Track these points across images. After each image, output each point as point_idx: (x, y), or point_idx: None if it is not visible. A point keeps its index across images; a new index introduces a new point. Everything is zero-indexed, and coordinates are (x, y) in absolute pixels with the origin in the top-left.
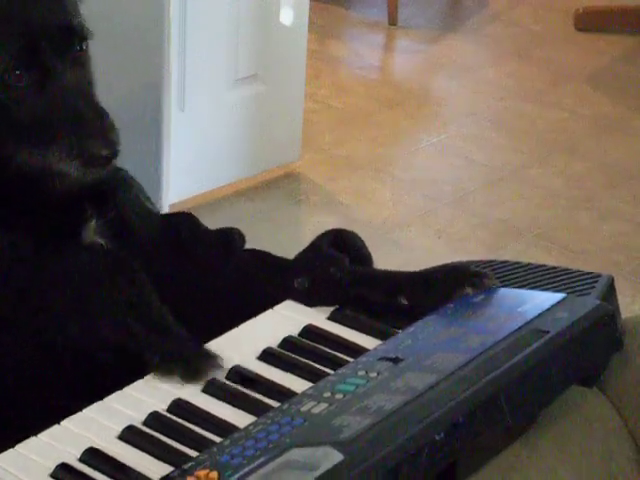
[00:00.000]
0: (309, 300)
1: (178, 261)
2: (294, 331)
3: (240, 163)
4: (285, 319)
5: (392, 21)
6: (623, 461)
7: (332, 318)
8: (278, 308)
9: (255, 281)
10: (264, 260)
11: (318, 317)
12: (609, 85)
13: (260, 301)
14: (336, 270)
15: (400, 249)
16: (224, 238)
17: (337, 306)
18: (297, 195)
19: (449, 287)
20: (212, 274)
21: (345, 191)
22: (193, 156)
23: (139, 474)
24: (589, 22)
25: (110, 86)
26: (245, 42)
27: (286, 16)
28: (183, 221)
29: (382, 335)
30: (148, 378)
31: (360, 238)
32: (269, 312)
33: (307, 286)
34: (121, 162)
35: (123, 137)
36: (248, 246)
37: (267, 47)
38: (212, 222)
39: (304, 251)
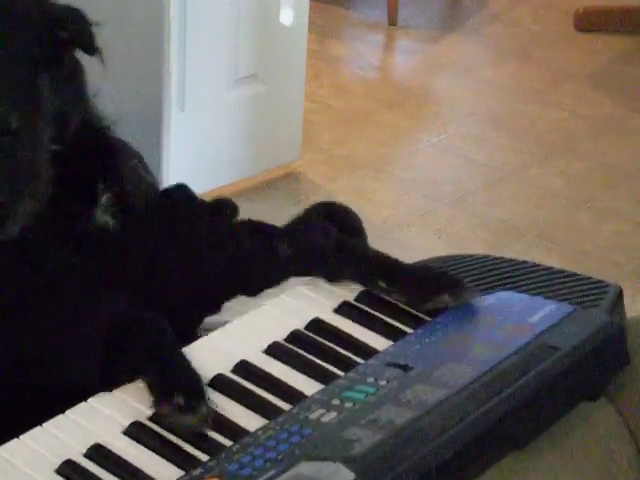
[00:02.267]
0: (293, 267)
1: (173, 233)
2: (301, 325)
3: (240, 163)
4: (292, 311)
5: (392, 21)
6: (624, 462)
7: (339, 311)
8: (285, 298)
9: (245, 250)
10: (254, 228)
11: (325, 309)
12: (609, 85)
13: (250, 270)
14: (320, 239)
15: (400, 249)
16: (217, 209)
17: (342, 300)
18: (297, 195)
19: (429, 288)
20: (204, 244)
21: (345, 191)
22: (193, 156)
23: (143, 473)
24: (589, 22)
25: (110, 86)
26: (245, 42)
27: (286, 16)
28: (178, 193)
29: (389, 331)
30: None
31: (354, 212)
32: (276, 302)
33: (291, 253)
34: None
35: (123, 137)
36: None
37: (267, 47)
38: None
39: (294, 219)
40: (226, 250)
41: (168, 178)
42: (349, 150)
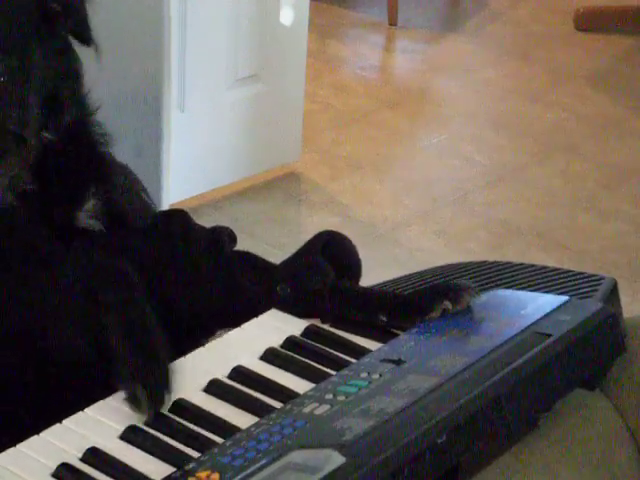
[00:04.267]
0: (291, 308)
1: (167, 257)
2: (296, 331)
3: (240, 163)
4: (287, 319)
5: (392, 21)
6: (624, 461)
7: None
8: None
9: (240, 284)
10: (251, 263)
11: None
12: (609, 85)
13: (244, 304)
14: (318, 282)
15: (400, 249)
16: (214, 237)
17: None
18: (297, 195)
19: (428, 304)
20: (199, 273)
21: (345, 191)
22: (193, 156)
23: (140, 474)
24: (589, 22)
25: (110, 86)
26: (245, 42)
27: (286, 16)
28: (175, 218)
29: (383, 336)
30: None
31: (352, 243)
32: (272, 311)
33: (289, 294)
34: (122, 161)
35: (123, 137)
36: (247, 246)
37: (267, 47)
38: (212, 222)
39: (292, 256)
40: (222, 281)
41: (168, 178)
42: (349, 150)
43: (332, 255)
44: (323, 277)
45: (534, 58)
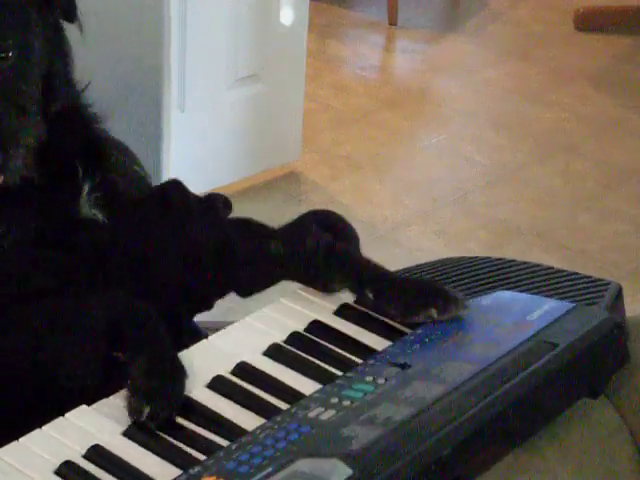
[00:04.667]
0: (283, 269)
1: (166, 226)
2: (300, 326)
3: (240, 163)
4: (292, 313)
5: (392, 21)
6: (624, 461)
7: (338, 313)
8: (285, 301)
9: (234, 248)
10: (247, 226)
11: (324, 312)
12: (609, 85)
13: (240, 266)
14: (312, 241)
15: (400, 249)
16: (208, 204)
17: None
18: (297, 195)
19: (416, 302)
20: (197, 239)
21: (345, 191)
22: (193, 156)
23: (143, 474)
24: (589, 22)
25: (110, 86)
26: (245, 42)
27: (286, 16)
28: (171, 187)
29: (388, 332)
30: None
31: (348, 222)
32: (275, 305)
33: (283, 252)
34: None
35: (123, 137)
36: None
37: (267, 47)
38: None
39: (287, 223)
40: (217, 246)
41: (168, 178)
42: (349, 150)
43: (328, 228)
44: (317, 238)
45: (534, 58)
